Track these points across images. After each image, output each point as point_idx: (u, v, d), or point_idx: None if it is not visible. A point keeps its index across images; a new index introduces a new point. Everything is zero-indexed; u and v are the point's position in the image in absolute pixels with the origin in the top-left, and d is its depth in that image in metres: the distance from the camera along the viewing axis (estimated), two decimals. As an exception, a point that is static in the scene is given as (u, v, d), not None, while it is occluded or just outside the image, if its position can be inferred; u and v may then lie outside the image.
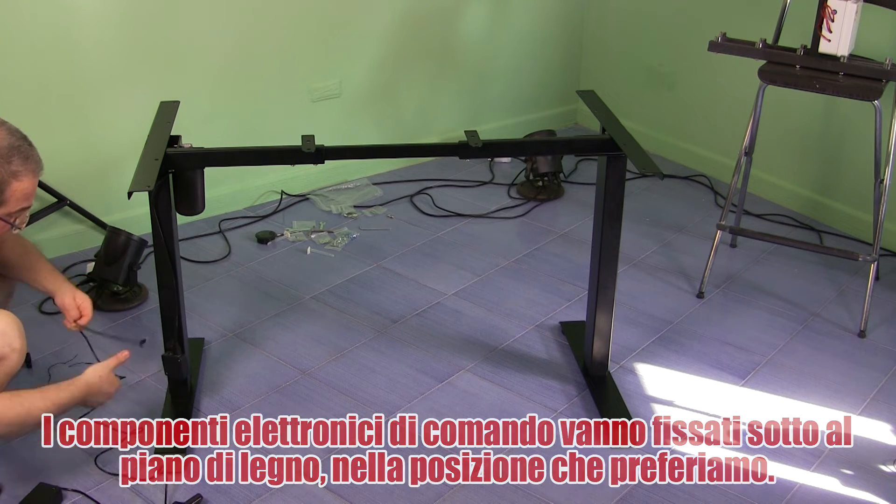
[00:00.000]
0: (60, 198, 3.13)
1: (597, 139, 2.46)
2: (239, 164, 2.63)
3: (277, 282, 3.13)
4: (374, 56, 3.80)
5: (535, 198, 3.77)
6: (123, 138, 3.20)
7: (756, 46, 2.91)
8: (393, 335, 2.85)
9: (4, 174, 2.00)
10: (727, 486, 2.27)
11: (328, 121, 3.73)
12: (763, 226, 3.58)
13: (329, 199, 3.70)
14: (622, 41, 4.29)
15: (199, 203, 2.34)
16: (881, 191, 2.91)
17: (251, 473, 2.27)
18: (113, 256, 2.88)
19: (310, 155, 2.28)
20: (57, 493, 2.17)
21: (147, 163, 2.18)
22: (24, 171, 2.03)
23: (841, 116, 3.50)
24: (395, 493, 2.23)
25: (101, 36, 3.11)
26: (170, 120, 2.41)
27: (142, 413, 2.45)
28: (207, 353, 2.74)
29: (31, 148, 2.06)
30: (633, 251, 3.36)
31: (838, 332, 2.92)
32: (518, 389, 2.61)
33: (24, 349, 2.12)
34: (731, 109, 3.80)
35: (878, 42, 3.21)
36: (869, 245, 3.26)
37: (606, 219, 2.43)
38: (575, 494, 2.24)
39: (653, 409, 2.55)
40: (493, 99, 4.28)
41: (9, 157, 2.00)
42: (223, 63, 3.41)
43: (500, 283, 3.15)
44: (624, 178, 2.39)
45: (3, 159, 1.99)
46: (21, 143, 2.04)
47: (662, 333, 2.89)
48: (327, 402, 2.54)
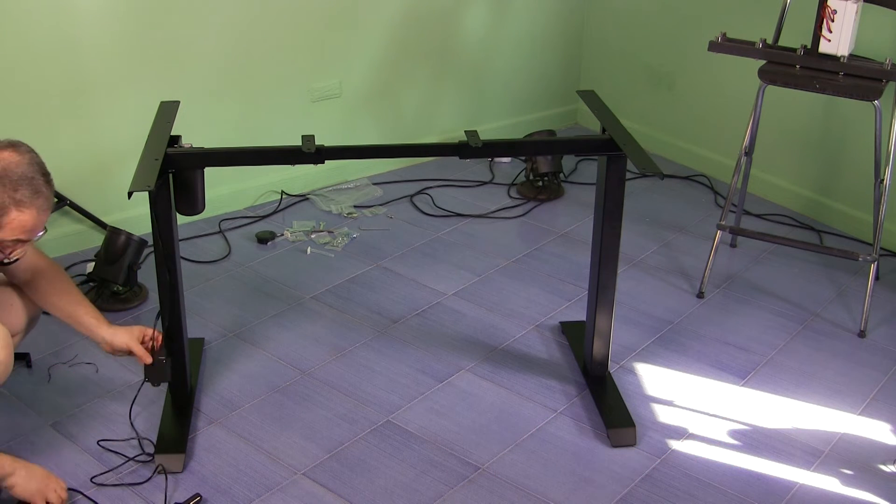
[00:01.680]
0: (60, 198, 3.13)
1: (597, 139, 2.46)
2: (239, 164, 2.64)
3: (277, 282, 3.13)
4: (374, 56, 3.81)
5: (535, 198, 3.77)
6: (123, 138, 3.20)
7: (756, 46, 2.91)
8: (393, 335, 2.85)
9: (7, 200, 1.96)
10: (727, 486, 2.27)
11: (328, 121, 3.73)
12: (763, 226, 3.58)
13: (329, 199, 3.70)
14: (622, 41, 4.29)
15: (199, 203, 2.34)
16: (881, 191, 2.91)
17: (251, 473, 2.28)
18: (113, 256, 2.88)
19: (310, 155, 2.28)
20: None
21: (147, 163, 2.18)
22: (29, 204, 1.98)
23: (841, 116, 3.50)
24: (395, 493, 2.23)
25: (102, 36, 3.11)
26: (170, 120, 2.41)
27: (142, 412, 2.45)
28: (207, 353, 2.74)
29: (46, 185, 2.02)
30: (633, 251, 3.36)
31: (838, 332, 2.92)
32: (518, 389, 2.61)
33: (11, 361, 2.09)
34: (731, 109, 3.80)
35: (878, 42, 3.21)
36: (869, 245, 3.26)
37: (606, 219, 2.43)
38: (575, 494, 2.23)
39: (653, 409, 2.55)
40: (493, 99, 4.28)
41: (17, 184, 1.96)
42: (223, 63, 3.41)
43: (500, 283, 3.15)
44: (624, 178, 2.39)
45: (10, 185, 1.96)
46: (37, 176, 2.00)
47: (662, 333, 2.89)
48: (327, 402, 2.54)
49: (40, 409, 2.47)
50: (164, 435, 2.36)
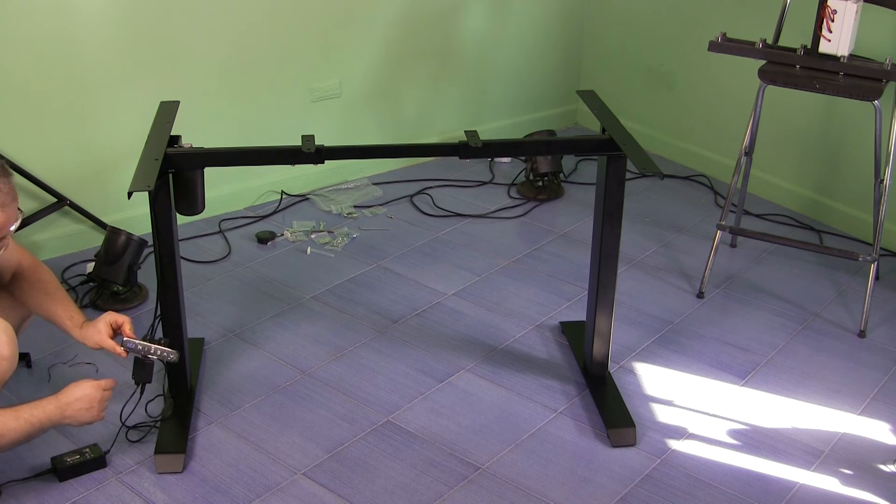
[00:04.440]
0: (60, 198, 3.13)
1: (597, 139, 2.46)
2: (239, 164, 2.63)
3: (277, 282, 3.13)
4: (374, 56, 3.80)
5: (535, 198, 3.77)
6: (123, 138, 3.21)
7: (756, 46, 2.91)
8: (393, 335, 2.85)
9: None
10: (727, 486, 2.27)
11: (328, 121, 3.73)
12: (763, 226, 3.58)
13: (329, 199, 3.70)
14: (622, 41, 4.29)
15: (199, 203, 2.34)
16: (881, 191, 2.91)
17: (251, 473, 2.28)
18: (113, 256, 2.88)
19: (310, 155, 2.27)
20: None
21: (147, 163, 2.18)
22: None
23: (841, 116, 3.50)
24: (395, 494, 2.23)
25: (102, 37, 3.11)
26: (170, 120, 2.41)
27: (142, 412, 2.45)
28: (207, 353, 2.74)
29: (4, 176, 2.01)
30: (633, 251, 3.36)
31: (838, 332, 2.92)
32: (518, 389, 2.61)
33: (16, 357, 2.10)
34: (731, 109, 3.80)
35: (878, 42, 3.21)
36: (869, 245, 3.26)
37: (606, 219, 2.43)
38: (575, 494, 2.23)
39: (653, 409, 2.55)
40: (493, 99, 4.28)
41: None
42: (223, 63, 3.41)
43: (500, 283, 3.15)
44: (624, 178, 2.39)
45: None
46: None
47: (662, 333, 2.89)
48: (327, 402, 2.54)
49: (40, 409, 2.47)
50: (164, 435, 2.36)
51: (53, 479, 2.23)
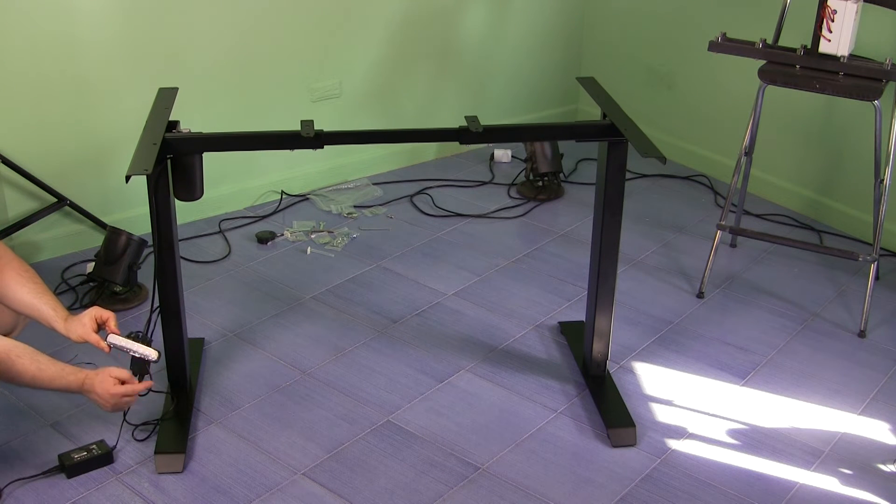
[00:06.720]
0: (60, 198, 3.13)
1: (598, 124, 2.42)
2: (237, 148, 2.58)
3: (277, 282, 3.13)
4: (374, 56, 3.81)
5: (535, 198, 3.77)
6: (123, 138, 3.20)
7: (756, 46, 2.92)
8: (393, 335, 2.85)
9: None
10: (727, 486, 2.27)
11: (328, 121, 3.70)
12: (763, 226, 3.58)
13: (329, 199, 3.70)
14: (622, 41, 4.29)
15: (197, 188, 2.31)
16: (881, 191, 2.91)
17: (251, 473, 2.28)
18: (113, 256, 2.88)
19: (309, 140, 2.24)
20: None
21: (145, 147, 2.15)
22: None
23: (841, 116, 3.50)
24: (395, 493, 2.23)
25: (102, 37, 3.11)
26: (168, 105, 2.38)
27: (142, 412, 2.45)
28: (207, 353, 2.74)
29: None
30: (633, 251, 3.36)
31: (838, 332, 2.92)
32: (518, 389, 2.61)
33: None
34: (731, 109, 3.80)
35: (878, 42, 3.21)
36: (869, 245, 3.26)
37: (607, 207, 2.39)
38: (575, 494, 2.24)
39: (652, 409, 2.55)
40: (494, 99, 4.28)
41: None
42: (224, 63, 3.41)
43: (500, 283, 3.15)
44: (625, 165, 2.37)
45: None
46: None
47: (662, 333, 2.89)
48: (327, 402, 2.54)
49: (40, 409, 2.47)
50: (164, 435, 2.35)
51: (55, 479, 2.23)
